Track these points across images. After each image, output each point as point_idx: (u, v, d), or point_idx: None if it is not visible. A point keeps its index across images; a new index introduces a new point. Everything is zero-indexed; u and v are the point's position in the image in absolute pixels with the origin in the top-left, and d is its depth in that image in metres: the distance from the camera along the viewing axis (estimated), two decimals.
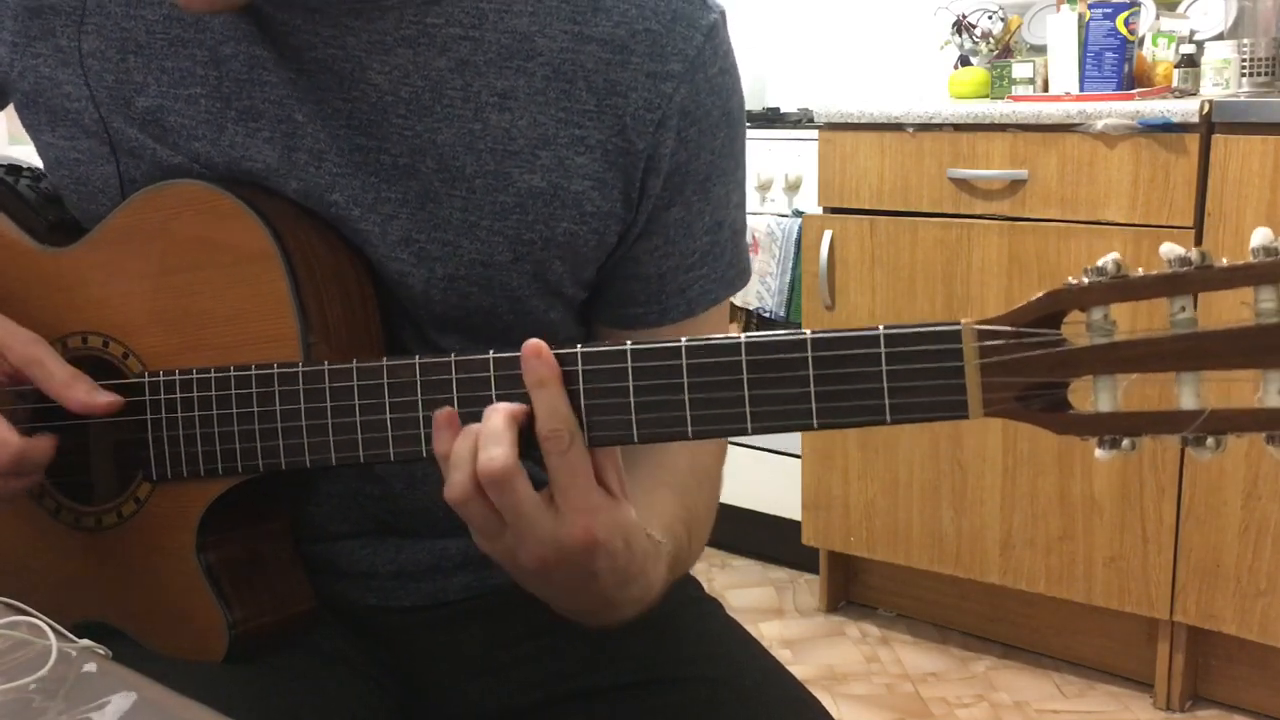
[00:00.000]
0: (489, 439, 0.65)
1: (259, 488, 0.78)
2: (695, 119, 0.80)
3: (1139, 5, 2.41)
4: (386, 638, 0.89)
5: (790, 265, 2.57)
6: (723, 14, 0.82)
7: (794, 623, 2.63)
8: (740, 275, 0.88)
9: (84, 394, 0.77)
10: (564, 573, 0.67)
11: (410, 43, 0.77)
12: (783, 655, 2.45)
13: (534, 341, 0.66)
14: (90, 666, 0.65)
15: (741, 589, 2.78)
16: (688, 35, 0.78)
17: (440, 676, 0.89)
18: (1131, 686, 2.31)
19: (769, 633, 2.58)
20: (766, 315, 2.62)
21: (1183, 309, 0.58)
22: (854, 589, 2.71)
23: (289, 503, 0.85)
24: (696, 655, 0.87)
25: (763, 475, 2.68)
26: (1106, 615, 2.30)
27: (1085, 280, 0.60)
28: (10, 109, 0.88)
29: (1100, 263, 0.60)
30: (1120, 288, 0.59)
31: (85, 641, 0.67)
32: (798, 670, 0.89)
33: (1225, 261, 0.57)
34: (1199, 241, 2.04)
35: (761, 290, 2.60)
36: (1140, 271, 0.59)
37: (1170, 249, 0.59)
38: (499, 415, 0.66)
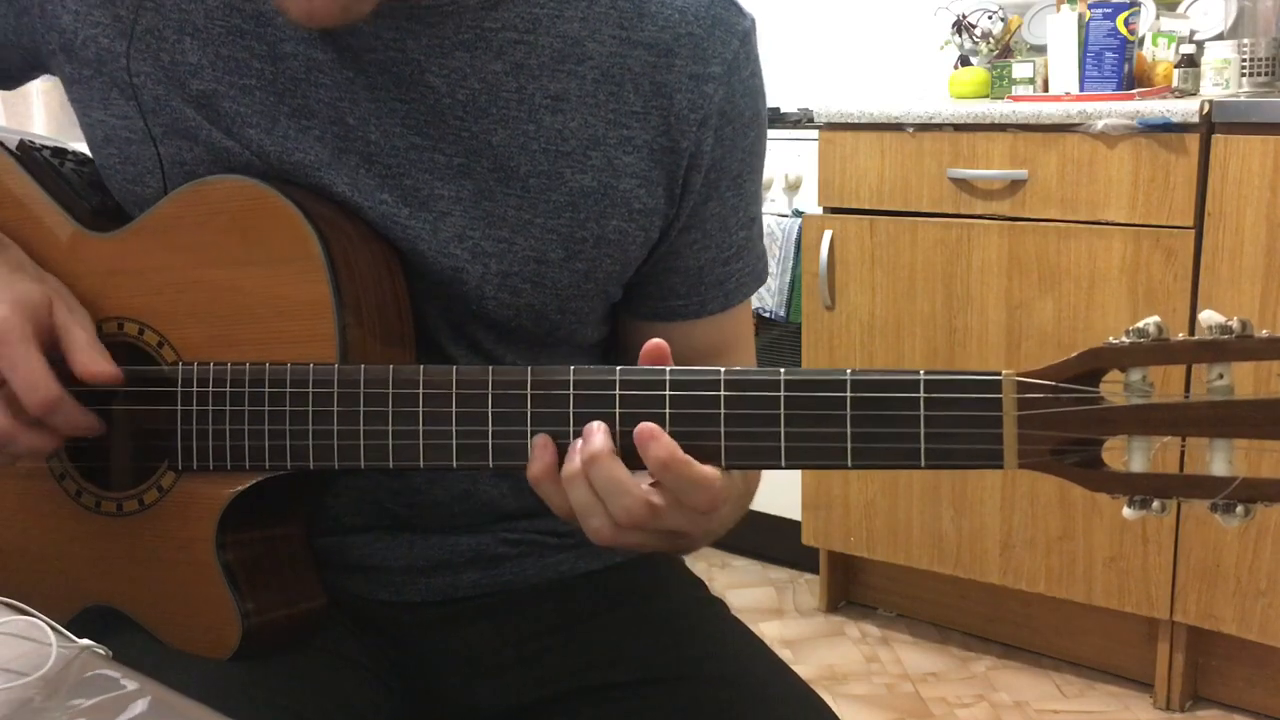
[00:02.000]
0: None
1: (282, 484, 0.78)
2: (730, 118, 0.82)
3: (1139, 5, 2.41)
4: (395, 634, 0.89)
5: (790, 265, 2.57)
6: (753, 22, 0.85)
7: (794, 623, 2.63)
8: (765, 268, 0.92)
9: (83, 361, 0.77)
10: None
11: (468, 46, 0.78)
12: (783, 655, 2.44)
13: (649, 425, 0.68)
14: (91, 667, 0.65)
15: (741, 589, 2.78)
16: (726, 39, 0.82)
17: (448, 673, 0.89)
18: (1131, 686, 2.31)
19: (769, 633, 2.58)
20: (767, 315, 2.62)
21: (1220, 376, 0.60)
22: (854, 589, 2.71)
23: (309, 500, 0.85)
24: (703, 654, 0.87)
25: (763, 475, 2.67)
26: (1106, 615, 2.30)
27: (1126, 341, 0.61)
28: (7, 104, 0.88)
29: (1141, 324, 0.61)
30: (1159, 351, 0.60)
31: (85, 641, 0.67)
32: (798, 670, 0.89)
33: (1265, 333, 0.58)
34: (1199, 241, 2.04)
35: (762, 290, 2.60)
36: (1180, 336, 0.60)
37: (1211, 316, 0.60)
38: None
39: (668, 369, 0.68)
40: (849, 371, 0.65)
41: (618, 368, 0.69)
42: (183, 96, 0.81)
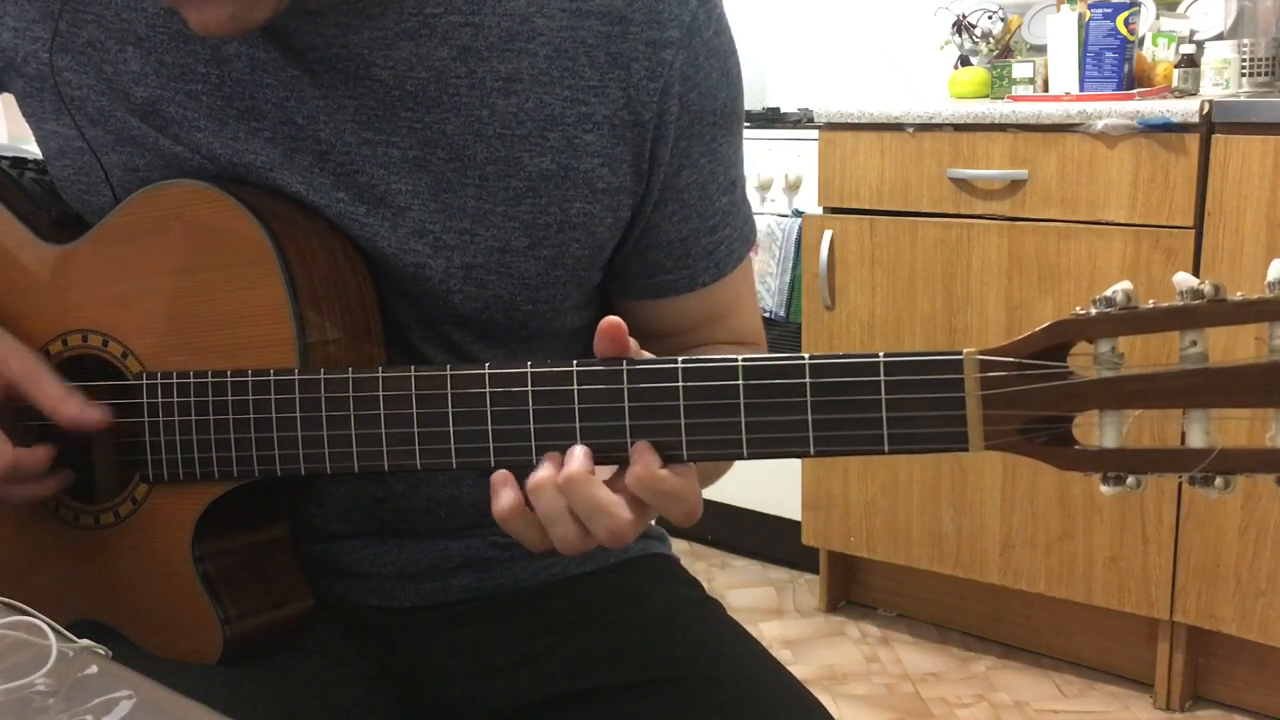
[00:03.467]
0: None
1: (257, 490, 0.78)
2: (696, 83, 0.80)
3: (1139, 5, 2.41)
4: (386, 639, 0.89)
5: (790, 265, 2.57)
6: None
7: (794, 623, 2.63)
8: (753, 230, 0.90)
9: (77, 409, 0.77)
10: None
11: (411, 35, 0.76)
12: (783, 655, 2.45)
13: (644, 443, 0.67)
14: (90, 667, 0.65)
15: (741, 589, 2.78)
16: (682, 1, 0.78)
17: (439, 677, 0.89)
18: (1131, 686, 2.31)
19: (769, 633, 2.57)
20: (767, 315, 2.62)
21: (1193, 343, 0.57)
22: (854, 589, 2.71)
23: (287, 505, 0.85)
24: (698, 656, 0.87)
25: (763, 475, 2.68)
26: (1106, 615, 2.30)
27: (1093, 311, 0.58)
28: (9, 102, 0.88)
29: (1109, 293, 0.58)
30: (1129, 320, 0.58)
31: (85, 641, 0.67)
32: (798, 670, 0.89)
33: (1239, 295, 0.56)
34: (1199, 241, 2.04)
35: (761, 290, 2.60)
36: (1150, 303, 0.57)
37: (1183, 279, 0.57)
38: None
39: (624, 360, 0.67)
40: (808, 356, 0.64)
41: (575, 361, 0.68)
42: (127, 106, 0.80)
